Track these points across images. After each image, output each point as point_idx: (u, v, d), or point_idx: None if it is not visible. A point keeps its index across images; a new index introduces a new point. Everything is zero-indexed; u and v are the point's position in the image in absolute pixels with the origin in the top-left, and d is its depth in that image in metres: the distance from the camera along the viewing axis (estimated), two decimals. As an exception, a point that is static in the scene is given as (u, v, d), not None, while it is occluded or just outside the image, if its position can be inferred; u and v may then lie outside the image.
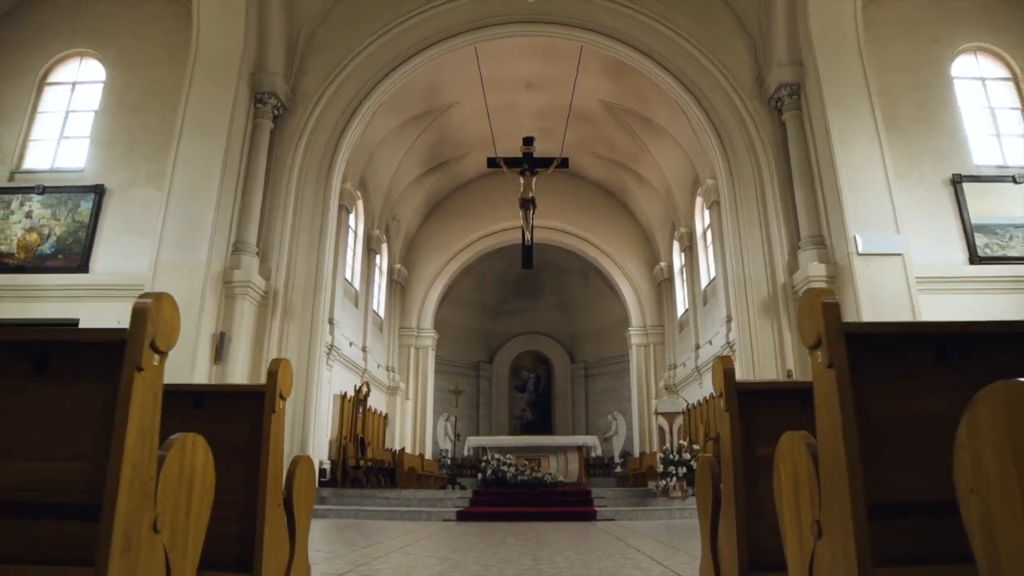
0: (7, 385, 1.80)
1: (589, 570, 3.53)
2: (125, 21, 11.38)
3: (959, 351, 1.72)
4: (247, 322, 9.81)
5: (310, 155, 10.94)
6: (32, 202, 10.54)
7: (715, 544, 2.65)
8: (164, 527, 1.77)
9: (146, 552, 1.70)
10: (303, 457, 2.82)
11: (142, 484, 1.68)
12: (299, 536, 2.72)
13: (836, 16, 10.33)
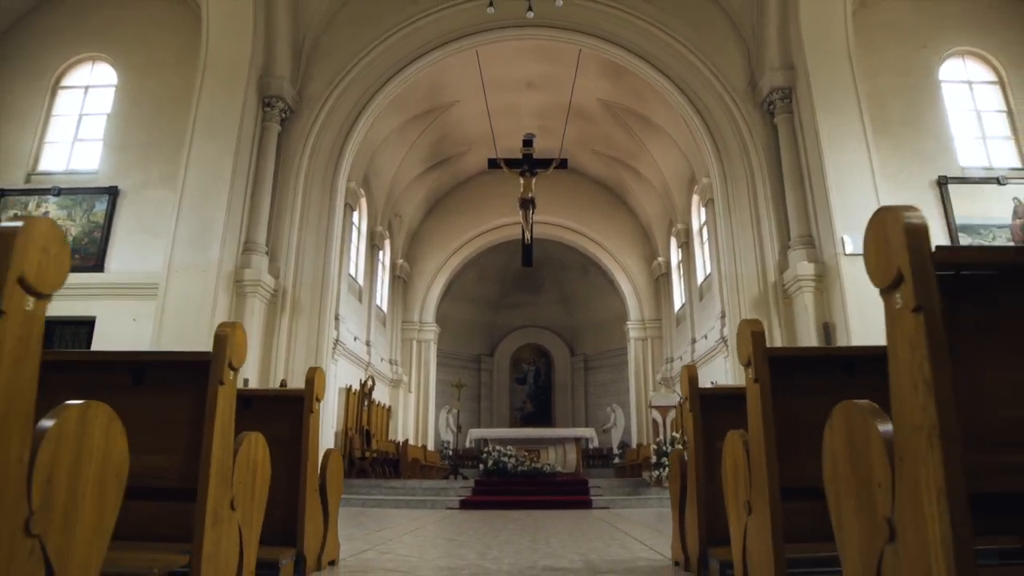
0: (112, 393, 2.32)
1: (579, 549, 4.06)
2: (135, 26, 11.82)
3: (869, 367, 2.23)
4: (257, 319, 10.32)
5: (316, 157, 11.42)
6: (48, 203, 11.03)
7: (683, 524, 3.18)
8: (238, 506, 2.29)
9: (227, 526, 2.22)
10: (333, 451, 3.35)
11: (224, 472, 2.20)
12: (331, 517, 3.25)
13: (826, 22, 10.77)
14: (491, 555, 3.71)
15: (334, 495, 3.30)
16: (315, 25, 11.80)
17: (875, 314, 5.94)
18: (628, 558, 3.66)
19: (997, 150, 11.25)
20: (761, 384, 2.14)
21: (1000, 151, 11.25)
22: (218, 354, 2.20)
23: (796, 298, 10.32)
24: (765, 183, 11.00)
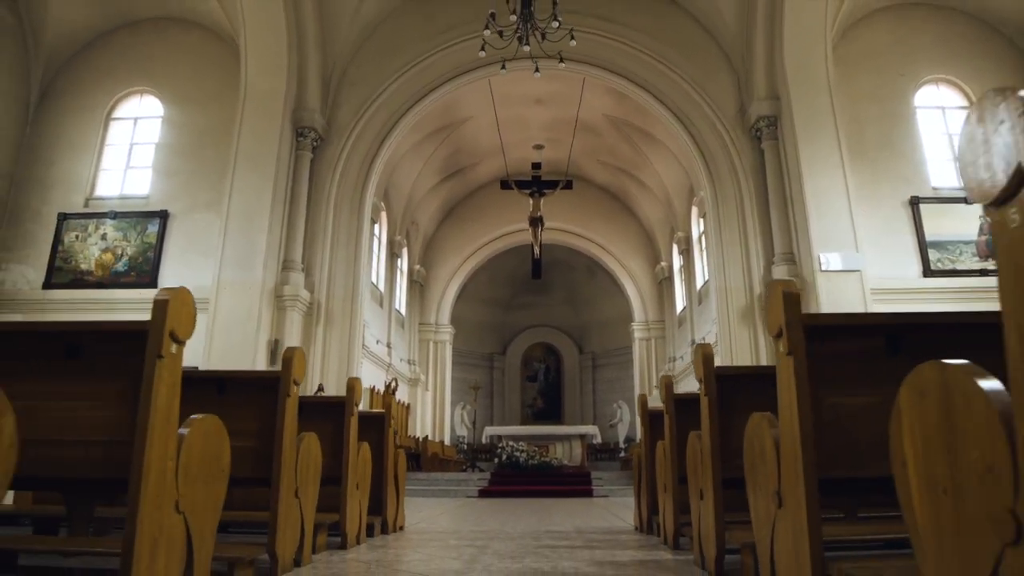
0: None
1: (574, 522, 5.74)
2: (179, 62, 13.47)
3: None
4: (296, 330, 12.03)
5: (345, 181, 13.06)
6: (106, 226, 12.76)
7: (639, 501, 4.85)
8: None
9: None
10: (401, 452, 5.03)
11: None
12: (401, 497, 4.94)
13: (808, 58, 12.24)
14: (509, 525, 5.40)
15: (402, 481, 4.99)
16: (342, 58, 13.39)
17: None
18: (606, 526, 5.34)
19: (967, 171, 12.71)
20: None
21: (969, 172, 12.70)
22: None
23: (778, 309, 11.88)
24: (752, 203, 12.54)
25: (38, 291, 12.42)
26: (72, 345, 2.18)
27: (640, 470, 4.84)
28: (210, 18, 13.36)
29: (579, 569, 3.07)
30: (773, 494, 2.18)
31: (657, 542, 4.20)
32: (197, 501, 2.23)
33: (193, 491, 2.20)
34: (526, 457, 12.17)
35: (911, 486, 1.37)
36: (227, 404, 3.05)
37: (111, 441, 2.07)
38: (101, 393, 2.12)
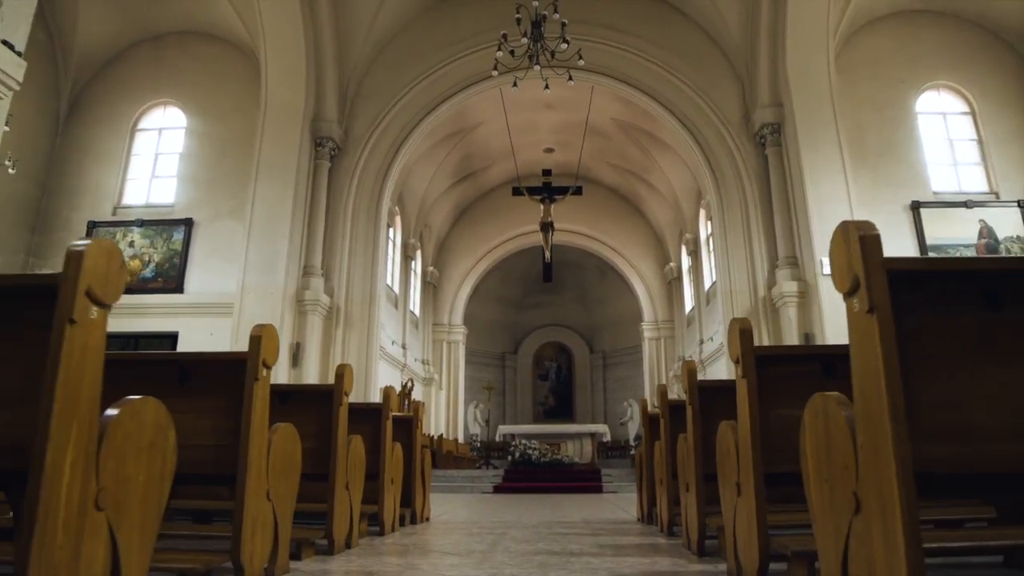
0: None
1: (582, 514, 6.38)
2: (201, 75, 14.16)
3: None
4: (316, 333, 12.70)
5: (362, 189, 13.71)
6: (133, 233, 13.49)
7: (640, 495, 5.48)
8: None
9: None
10: (427, 451, 5.68)
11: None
12: (427, 491, 5.59)
13: (810, 65, 12.75)
14: (523, 517, 6.04)
15: (428, 476, 5.64)
16: (357, 70, 14.02)
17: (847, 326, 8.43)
18: (612, 518, 5.97)
19: (967, 176, 13.24)
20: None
21: (970, 177, 13.23)
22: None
23: (782, 311, 12.45)
24: (757, 208, 13.08)
25: (70, 297, 13.13)
26: (184, 371, 2.80)
27: (641, 467, 5.46)
28: (230, 31, 14.03)
29: (584, 550, 3.70)
30: (734, 485, 2.71)
31: (655, 530, 4.83)
32: (280, 492, 2.88)
33: (277, 483, 2.85)
34: (538, 455, 12.81)
35: (810, 478, 1.95)
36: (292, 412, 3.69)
37: (219, 445, 2.71)
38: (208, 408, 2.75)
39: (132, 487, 1.94)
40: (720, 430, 2.99)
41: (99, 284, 1.74)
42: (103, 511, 1.83)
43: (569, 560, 3.30)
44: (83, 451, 1.78)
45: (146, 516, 2.02)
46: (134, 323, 12.96)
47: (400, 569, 3.13)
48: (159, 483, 2.09)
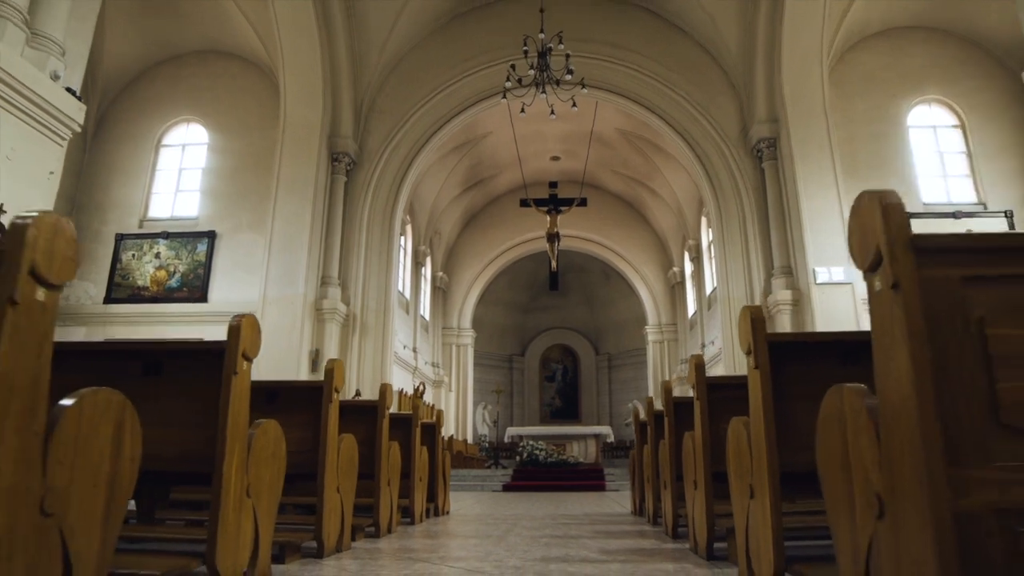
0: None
1: (584, 509, 7.33)
2: (222, 93, 15.13)
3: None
4: (334, 340, 13.67)
5: (376, 201, 14.66)
6: (159, 245, 14.48)
7: (633, 492, 6.42)
8: (255, 483, 5.55)
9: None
10: (447, 453, 6.63)
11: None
12: (447, 487, 6.54)
13: (805, 82, 13.61)
14: (531, 511, 7.00)
15: (448, 474, 6.60)
16: (371, 88, 14.97)
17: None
18: (610, 511, 6.92)
19: (956, 187, 14.08)
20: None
21: (959, 188, 14.07)
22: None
23: (777, 319, 13.35)
24: (754, 220, 13.97)
25: (100, 305, 14.16)
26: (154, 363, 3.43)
27: (634, 468, 6.40)
28: (249, 51, 14.99)
29: (582, 535, 4.65)
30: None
31: (644, 521, 5.77)
32: (346, 487, 3.83)
33: (344, 481, 3.80)
34: (545, 455, 13.77)
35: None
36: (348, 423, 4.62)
37: (300, 451, 3.66)
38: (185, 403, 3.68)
39: (264, 483, 2.92)
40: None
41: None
42: (251, 499, 2.80)
43: (568, 541, 4.25)
44: (241, 459, 2.74)
45: (271, 503, 2.99)
46: (161, 331, 13.97)
47: (435, 547, 4.09)
48: (278, 481, 3.07)
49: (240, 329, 2.78)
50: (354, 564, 3.36)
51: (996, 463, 1.45)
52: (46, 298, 1.68)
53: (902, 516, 1.49)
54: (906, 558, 1.48)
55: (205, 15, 14.58)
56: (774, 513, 2.36)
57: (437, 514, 6.27)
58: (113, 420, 1.94)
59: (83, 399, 1.84)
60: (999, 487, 1.43)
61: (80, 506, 1.81)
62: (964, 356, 1.50)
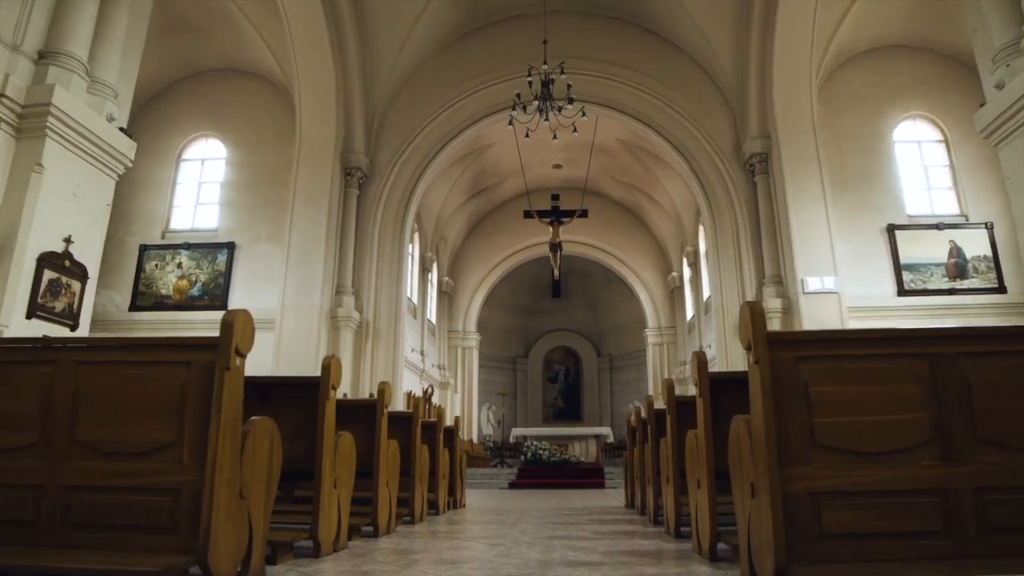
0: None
1: (584, 503, 8.47)
2: (239, 109, 16.23)
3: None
4: (348, 346, 14.80)
5: (387, 213, 15.77)
6: (181, 256, 15.60)
7: (626, 488, 7.57)
8: (338, 480, 6.69)
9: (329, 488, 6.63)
10: (463, 453, 7.76)
11: (331, 459, 6.60)
12: (464, 483, 7.69)
13: (795, 100, 14.67)
14: (537, 505, 8.14)
15: (464, 471, 7.74)
16: (382, 104, 16.07)
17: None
18: (606, 505, 8.06)
19: (940, 200, 15.16)
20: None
21: (942, 201, 15.15)
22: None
23: (768, 325, 14.42)
24: (746, 231, 15.06)
25: (125, 313, 15.29)
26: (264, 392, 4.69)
27: (627, 467, 7.54)
28: (266, 69, 16.08)
29: (580, 523, 5.78)
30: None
31: (634, 512, 6.92)
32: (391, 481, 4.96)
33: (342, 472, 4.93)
34: (548, 455, 14.91)
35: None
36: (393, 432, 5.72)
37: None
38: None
39: (343, 479, 4.06)
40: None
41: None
42: (336, 490, 3.95)
43: (569, 527, 5.39)
44: (330, 460, 3.88)
45: (347, 490, 4.14)
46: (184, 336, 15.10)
47: (459, 530, 5.23)
48: (352, 475, 4.21)
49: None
50: (405, 541, 4.50)
51: (811, 465, 2.60)
52: (240, 362, 2.90)
53: (761, 496, 2.65)
54: (763, 522, 2.62)
55: (223, 35, 15.67)
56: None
57: (455, 507, 7.41)
58: (269, 437, 3.13)
59: (255, 424, 3.03)
60: (811, 479, 2.58)
61: (255, 492, 2.99)
62: (795, 403, 2.65)
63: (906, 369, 2.64)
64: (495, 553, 3.85)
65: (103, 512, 2.77)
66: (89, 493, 2.79)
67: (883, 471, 2.56)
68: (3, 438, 2.86)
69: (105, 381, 2.85)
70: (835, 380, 2.66)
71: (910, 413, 2.61)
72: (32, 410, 2.88)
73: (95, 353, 2.93)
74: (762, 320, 2.74)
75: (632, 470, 7.24)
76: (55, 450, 2.85)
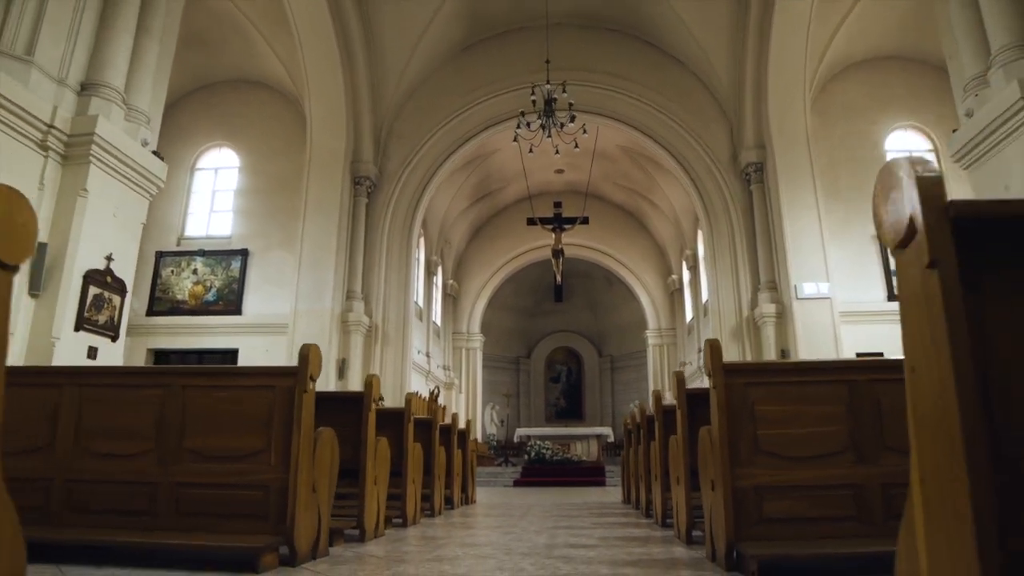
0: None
1: (584, 500, 9.33)
2: (252, 119, 17.07)
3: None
4: (358, 350, 15.65)
5: (395, 221, 16.62)
6: (196, 262, 16.46)
7: (623, 486, 8.43)
8: (378, 476, 7.56)
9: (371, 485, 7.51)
10: (474, 453, 8.62)
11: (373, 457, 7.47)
12: (474, 481, 8.55)
13: (789, 112, 15.48)
14: (541, 500, 9.01)
15: (475, 472, 8.60)
16: (389, 115, 16.90)
17: (820, 344, 11.72)
18: (605, 501, 8.93)
19: (929, 207, 15.95)
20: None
21: (931, 208, 15.94)
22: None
23: (762, 329, 15.29)
24: (742, 238, 15.89)
25: (142, 317, 16.14)
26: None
27: (624, 466, 8.41)
28: (277, 81, 16.92)
29: (582, 515, 6.64)
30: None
31: (630, 507, 7.78)
32: (413, 479, 5.82)
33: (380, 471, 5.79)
34: (551, 454, 15.78)
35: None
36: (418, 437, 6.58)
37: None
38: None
39: (382, 477, 4.92)
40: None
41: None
42: (376, 486, 4.81)
43: (572, 519, 6.25)
44: (373, 461, 4.74)
45: (383, 487, 5.00)
46: (200, 341, 15.99)
47: (474, 521, 6.09)
48: (387, 474, 5.07)
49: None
50: (430, 530, 5.37)
51: (756, 467, 3.45)
52: (312, 386, 3.72)
53: (718, 490, 3.50)
54: (719, 509, 3.49)
55: (235, 48, 16.50)
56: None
57: (467, 503, 8.28)
58: (331, 443, 3.98)
59: (322, 433, 3.89)
60: (755, 477, 3.43)
61: (322, 488, 3.85)
62: (744, 418, 3.50)
63: (830, 392, 3.49)
64: (508, 538, 4.70)
65: (207, 504, 3.62)
66: (195, 489, 3.64)
67: (811, 471, 3.42)
68: (126, 446, 3.72)
69: (207, 401, 3.70)
70: (775, 401, 3.50)
71: (832, 426, 3.46)
72: (148, 424, 3.73)
73: (198, 379, 3.78)
74: (719, 355, 3.57)
75: (628, 469, 8.10)
76: (167, 455, 3.70)
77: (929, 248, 1.44)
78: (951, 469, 1.47)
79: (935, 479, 1.55)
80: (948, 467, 1.49)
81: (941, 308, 1.43)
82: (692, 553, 3.98)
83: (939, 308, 1.46)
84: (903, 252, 1.54)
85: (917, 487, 1.61)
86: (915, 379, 1.63)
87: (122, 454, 3.71)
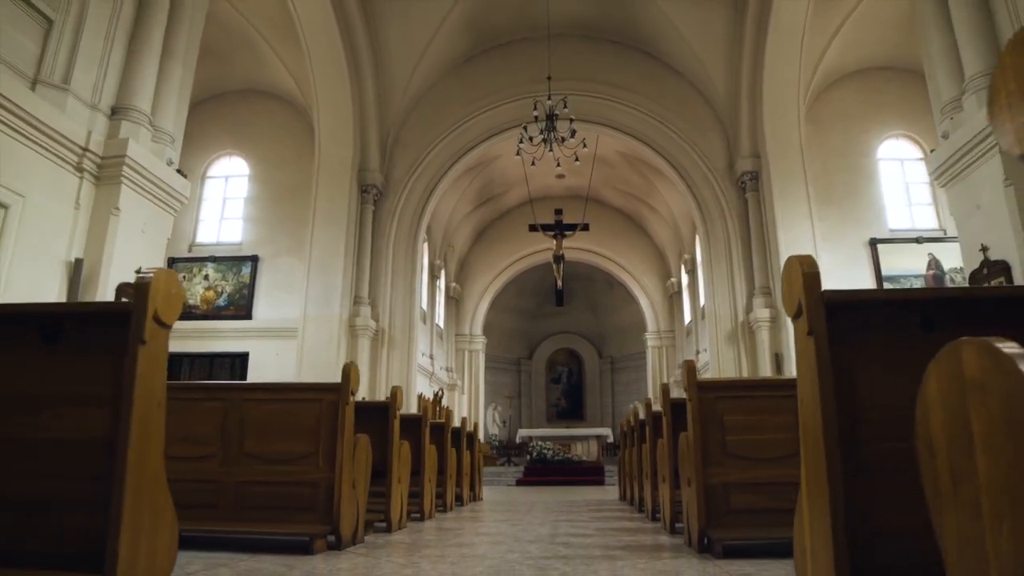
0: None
1: (584, 498, 10.09)
2: (261, 128, 17.81)
3: None
4: (366, 353, 16.41)
5: (401, 228, 17.37)
6: (207, 268, 17.21)
7: (620, 485, 9.19)
8: (400, 475, 8.32)
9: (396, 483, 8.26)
10: (479, 453, 9.38)
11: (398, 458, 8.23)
12: (481, 480, 9.31)
13: (783, 122, 16.21)
14: (543, 498, 9.77)
15: (482, 471, 9.36)
16: (395, 124, 17.64)
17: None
18: (604, 499, 9.68)
19: (920, 215, 16.73)
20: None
21: (922, 216, 16.72)
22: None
23: (757, 334, 16.04)
24: (737, 244, 16.64)
25: (155, 322, 16.86)
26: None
27: (620, 466, 9.16)
28: (286, 91, 17.66)
29: (582, 511, 7.40)
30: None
31: (627, 504, 8.54)
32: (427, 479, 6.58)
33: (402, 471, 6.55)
34: (552, 454, 16.54)
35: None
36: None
37: (408, 457, 6.41)
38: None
39: (403, 476, 5.69)
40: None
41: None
42: (400, 484, 5.57)
43: (571, 514, 7.01)
44: (397, 462, 5.50)
45: (405, 485, 5.76)
46: (211, 345, 16.75)
47: (484, 515, 6.85)
48: (408, 474, 5.84)
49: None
50: (446, 523, 6.13)
51: (724, 467, 4.21)
52: (353, 400, 4.48)
53: (692, 486, 4.26)
54: (693, 502, 4.25)
55: (245, 59, 17.24)
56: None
57: (475, 500, 9.04)
58: (366, 447, 4.74)
59: (360, 439, 4.63)
60: (724, 475, 4.19)
61: (360, 485, 4.60)
62: (715, 426, 4.27)
63: (786, 405, 4.24)
64: (516, 529, 5.46)
65: (265, 499, 4.38)
66: (254, 486, 4.40)
67: (770, 470, 4.17)
68: (194, 449, 4.47)
69: (263, 412, 4.46)
70: (741, 412, 4.26)
71: (788, 433, 4.21)
72: (212, 431, 4.49)
73: (254, 393, 4.53)
74: (694, 373, 4.32)
75: (624, 468, 8.86)
76: (229, 457, 4.46)
77: (808, 322, 2.30)
78: (820, 471, 2.25)
79: (813, 477, 2.32)
80: (819, 469, 2.26)
81: (815, 361, 2.28)
82: (673, 540, 4.74)
83: (813, 361, 2.30)
84: (796, 322, 2.44)
85: (804, 483, 2.40)
86: (802, 407, 2.43)
87: (190, 456, 4.46)
